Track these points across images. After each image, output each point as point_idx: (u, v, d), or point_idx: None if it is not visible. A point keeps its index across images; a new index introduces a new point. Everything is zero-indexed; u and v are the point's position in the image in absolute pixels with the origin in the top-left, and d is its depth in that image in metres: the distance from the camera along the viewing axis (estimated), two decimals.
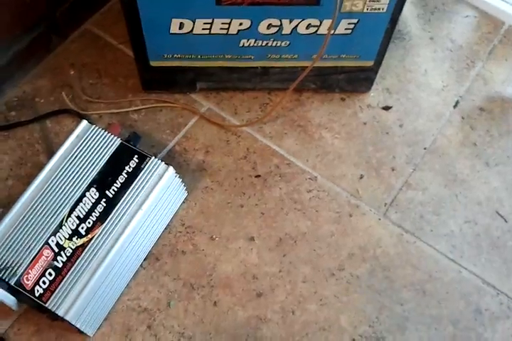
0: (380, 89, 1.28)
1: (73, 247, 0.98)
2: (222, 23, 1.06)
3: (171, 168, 1.06)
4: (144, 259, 1.07)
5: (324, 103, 1.26)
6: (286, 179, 1.17)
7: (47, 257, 0.97)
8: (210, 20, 1.05)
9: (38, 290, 0.94)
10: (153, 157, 1.06)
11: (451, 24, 1.38)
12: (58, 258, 0.97)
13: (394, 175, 1.19)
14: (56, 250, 0.98)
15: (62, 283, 0.95)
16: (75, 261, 0.97)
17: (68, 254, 0.98)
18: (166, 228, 1.10)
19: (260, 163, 1.19)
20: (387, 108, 1.27)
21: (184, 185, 1.11)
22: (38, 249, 0.97)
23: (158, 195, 1.05)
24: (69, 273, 0.96)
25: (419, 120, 1.26)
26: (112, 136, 1.07)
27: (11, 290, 0.94)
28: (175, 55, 1.14)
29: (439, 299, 1.08)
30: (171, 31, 1.07)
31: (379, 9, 1.04)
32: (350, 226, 1.14)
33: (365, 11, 1.04)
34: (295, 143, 1.21)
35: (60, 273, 0.96)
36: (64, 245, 0.98)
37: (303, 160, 1.20)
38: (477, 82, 1.31)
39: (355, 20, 1.06)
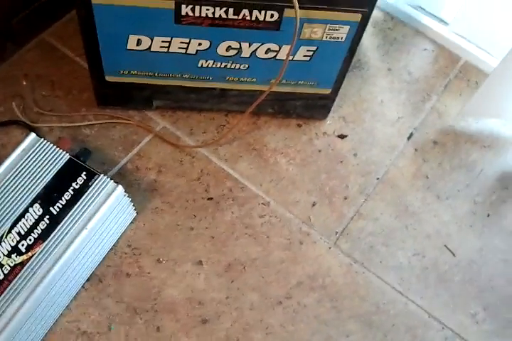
0: (337, 117, 1.28)
1: (12, 265, 0.94)
2: (181, 42, 1.04)
3: (119, 187, 1.03)
4: (87, 280, 1.04)
5: (281, 128, 1.25)
6: (238, 203, 1.16)
7: None
8: (168, 39, 1.03)
9: None
10: (102, 174, 1.03)
11: (409, 56, 1.40)
12: None
13: (346, 203, 1.19)
14: None
15: None
16: (13, 279, 0.93)
17: (6, 272, 0.93)
18: (111, 248, 1.07)
19: (213, 186, 1.17)
20: (342, 136, 1.27)
21: (133, 205, 1.08)
22: None
23: (105, 214, 1.02)
24: (5, 292, 0.91)
25: (373, 150, 1.26)
26: (61, 150, 1.04)
27: None
28: (131, 72, 1.11)
29: (385, 331, 1.08)
30: (128, 47, 1.05)
31: (338, 38, 1.04)
32: (301, 253, 1.12)
33: (324, 39, 1.04)
34: (250, 166, 1.20)
35: None
36: (2, 262, 0.94)
37: (256, 185, 1.18)
38: (432, 115, 1.32)
39: (314, 48, 1.06)
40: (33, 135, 1.04)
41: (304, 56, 1.08)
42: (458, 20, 1.39)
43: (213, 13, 0.97)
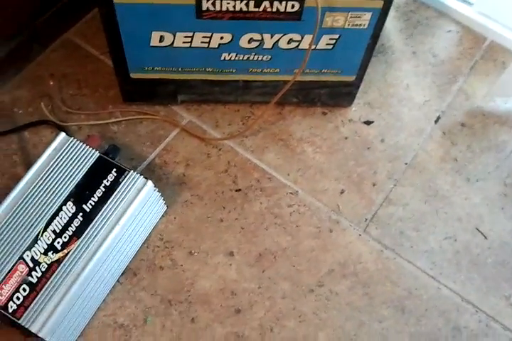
0: (362, 104, 1.28)
1: (48, 262, 0.97)
2: (203, 37, 1.05)
3: (149, 182, 1.05)
4: (121, 274, 1.06)
5: (306, 117, 1.25)
6: (266, 193, 1.17)
7: (21, 272, 0.95)
8: (190, 34, 1.04)
9: (11, 306, 0.93)
10: (132, 171, 1.05)
11: (434, 39, 1.38)
12: (33, 273, 0.96)
13: (375, 190, 1.19)
14: (31, 265, 0.96)
15: (37, 298, 0.94)
16: (50, 276, 0.96)
17: (43, 269, 0.96)
18: (144, 242, 1.09)
19: (241, 177, 1.18)
20: (368, 122, 1.26)
21: (163, 199, 1.10)
22: (12, 263, 0.95)
23: (137, 209, 1.04)
24: (44, 289, 0.94)
25: (401, 135, 1.25)
26: (91, 148, 1.06)
27: None
28: (155, 68, 1.13)
29: (418, 316, 1.08)
30: (152, 44, 1.06)
31: (360, 25, 1.03)
32: (331, 241, 1.13)
33: (346, 26, 1.03)
34: (276, 157, 1.21)
35: (35, 288, 0.94)
36: (39, 260, 0.96)
37: (284, 175, 1.19)
38: (459, 97, 1.31)
39: (336, 36, 1.06)
40: (62, 134, 1.06)
41: (327, 44, 1.08)
42: (482, 0, 1.37)
43: (234, 7, 0.98)
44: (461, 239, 1.16)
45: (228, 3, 0.97)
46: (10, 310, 0.93)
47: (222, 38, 1.05)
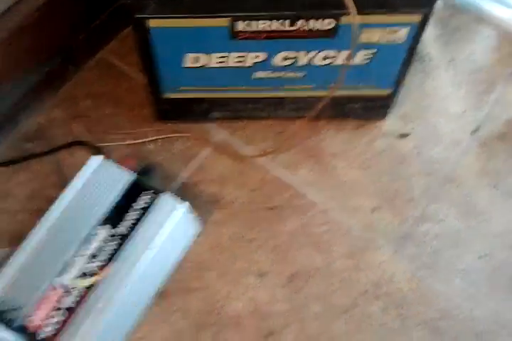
0: (397, 116, 1.26)
1: (81, 288, 0.98)
2: (238, 56, 1.05)
3: (184, 203, 1.04)
4: (154, 297, 1.07)
5: (339, 131, 1.24)
6: (299, 211, 1.16)
7: (53, 298, 0.97)
8: (225, 54, 1.04)
9: (42, 333, 0.94)
10: (167, 192, 1.05)
11: (472, 45, 1.35)
12: (65, 299, 0.97)
13: (410, 206, 1.17)
14: (63, 290, 0.97)
15: (69, 324, 0.95)
16: (83, 301, 0.97)
17: (76, 295, 0.97)
18: (177, 264, 1.10)
19: (273, 195, 1.18)
20: (403, 135, 1.24)
21: (197, 220, 1.11)
22: (44, 289, 0.97)
23: (172, 231, 1.04)
24: (76, 315, 0.96)
25: (437, 148, 1.23)
26: (126, 170, 1.07)
27: (14, 332, 0.94)
28: (189, 88, 1.13)
29: (453, 337, 1.06)
30: (186, 65, 1.06)
31: (397, 40, 1.02)
32: (364, 260, 1.12)
33: (382, 42, 1.02)
34: (309, 173, 1.20)
35: (67, 314, 0.95)
36: (71, 285, 0.98)
37: (317, 192, 1.18)
38: (497, 107, 1.27)
39: (372, 51, 1.05)
40: (98, 156, 1.08)
41: (363, 60, 1.07)
42: None
43: (269, 26, 0.98)
44: (498, 257, 1.13)
45: (264, 23, 0.97)
46: (41, 337, 0.94)
47: (257, 56, 1.05)
